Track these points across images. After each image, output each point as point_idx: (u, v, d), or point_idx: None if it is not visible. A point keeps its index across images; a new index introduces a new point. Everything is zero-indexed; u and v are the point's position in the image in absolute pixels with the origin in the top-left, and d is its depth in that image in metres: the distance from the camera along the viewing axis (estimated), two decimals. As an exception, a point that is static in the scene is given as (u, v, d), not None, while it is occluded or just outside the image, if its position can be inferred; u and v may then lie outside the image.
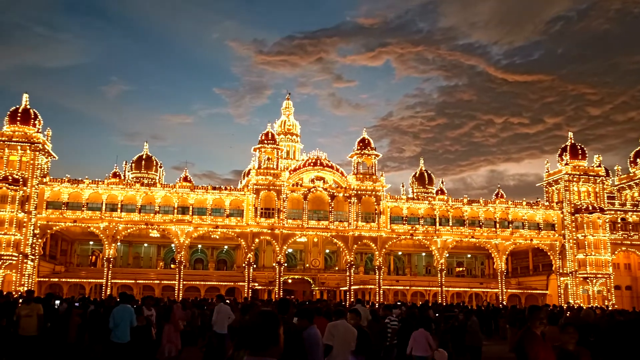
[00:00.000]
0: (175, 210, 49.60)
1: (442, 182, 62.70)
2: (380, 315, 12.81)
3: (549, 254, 55.35)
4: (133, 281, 49.72)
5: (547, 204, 57.21)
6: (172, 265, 53.59)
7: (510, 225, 54.94)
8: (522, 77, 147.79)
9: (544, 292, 56.21)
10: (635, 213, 56.96)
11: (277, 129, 65.57)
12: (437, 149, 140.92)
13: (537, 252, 57.67)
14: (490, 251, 55.22)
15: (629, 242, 56.36)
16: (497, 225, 54.68)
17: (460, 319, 15.14)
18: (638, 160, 61.57)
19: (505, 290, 54.25)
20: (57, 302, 16.39)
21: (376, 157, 53.96)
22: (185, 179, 53.23)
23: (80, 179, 48.97)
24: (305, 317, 6.51)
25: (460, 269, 64.03)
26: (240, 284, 50.24)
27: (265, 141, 52.08)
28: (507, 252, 54.92)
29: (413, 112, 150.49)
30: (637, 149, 62.31)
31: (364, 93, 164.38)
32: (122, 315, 12.06)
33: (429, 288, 54.31)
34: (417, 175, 65.48)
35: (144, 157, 60.37)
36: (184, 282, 49.20)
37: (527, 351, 5.53)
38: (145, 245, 57.88)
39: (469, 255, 63.11)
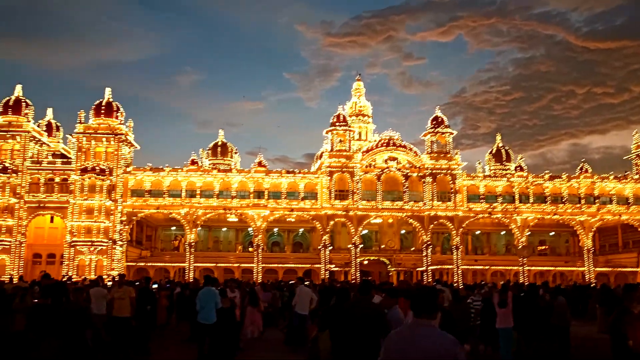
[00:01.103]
0: (251, 195, 50.69)
1: (521, 158, 60.58)
2: (462, 295, 12.59)
3: (639, 229, 52.49)
4: (214, 264, 51.31)
5: (637, 177, 54.12)
6: (250, 249, 54.89)
7: (597, 200, 52.43)
8: (604, 45, 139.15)
9: (635, 270, 53.29)
10: None
11: (348, 111, 65.28)
12: (513, 124, 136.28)
13: (627, 228, 54.71)
14: (575, 228, 52.98)
15: None
16: (582, 200, 52.31)
17: (546, 299, 14.58)
18: None
19: (592, 269, 52.01)
20: (154, 285, 17.20)
21: (450, 134, 52.80)
22: (260, 164, 54.11)
23: (160, 167, 50.97)
24: (391, 296, 6.50)
25: (543, 247, 61.81)
26: (317, 265, 50.86)
27: (337, 123, 52.07)
28: (593, 229, 52.52)
29: (487, 87, 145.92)
30: None
31: (434, 70, 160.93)
32: (207, 298, 12.49)
33: (510, 267, 52.87)
34: (493, 151, 63.33)
35: (219, 144, 61.72)
36: (262, 265, 50.33)
37: (624, 331, 5.24)
38: (224, 229, 59.52)
39: (552, 233, 60.72)
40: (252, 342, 16.18)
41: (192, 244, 50.31)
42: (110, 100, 51.03)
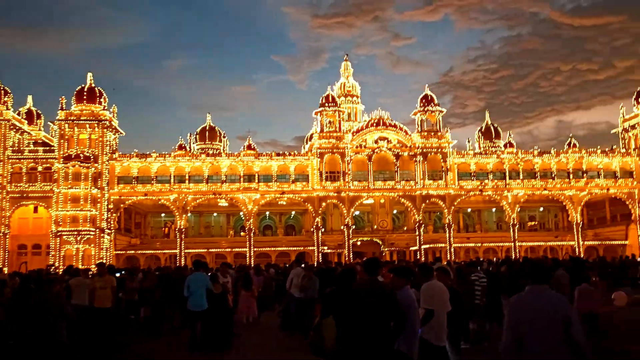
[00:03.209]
0: (242, 179, 50.06)
1: (510, 135, 60.40)
2: (465, 272, 12.14)
3: (627, 203, 52.49)
4: (205, 250, 50.85)
5: (623, 150, 54.07)
6: (242, 233, 54.45)
7: (585, 175, 52.31)
8: (589, 21, 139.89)
9: (623, 242, 53.54)
10: None
11: (337, 92, 64.36)
12: (501, 102, 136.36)
13: (615, 202, 54.78)
14: (564, 203, 52.95)
15: None
16: (571, 175, 52.21)
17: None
18: None
19: (581, 243, 52.12)
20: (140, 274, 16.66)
21: (440, 113, 52.30)
22: (249, 147, 53.52)
23: (148, 153, 50.11)
24: (402, 276, 5.97)
25: (533, 223, 61.88)
26: (310, 248, 50.51)
27: (326, 104, 51.38)
28: (582, 203, 52.47)
29: (475, 65, 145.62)
30: None
31: (423, 49, 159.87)
32: (196, 283, 11.89)
33: (501, 244, 52.88)
34: (483, 129, 63.16)
35: (207, 128, 60.92)
36: (255, 249, 49.92)
37: None
38: (215, 214, 58.97)
39: (542, 209, 60.77)
40: (247, 327, 15.75)
41: (183, 230, 49.71)
42: (93, 85, 49.91)
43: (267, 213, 58.49)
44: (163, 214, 56.71)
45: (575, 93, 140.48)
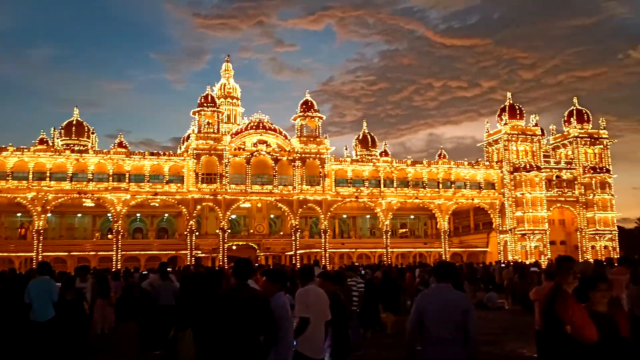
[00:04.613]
0: (111, 178, 47.07)
1: (386, 145, 62.37)
2: (345, 277, 11.75)
3: (489, 212, 56.21)
4: (66, 253, 47.22)
5: (487, 163, 57.91)
6: (110, 236, 51.18)
7: (453, 185, 55.32)
8: (459, 42, 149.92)
9: (484, 249, 57.38)
10: (569, 171, 58.59)
11: (217, 93, 62.93)
12: (378, 113, 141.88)
13: (478, 211, 58.54)
14: (433, 211, 55.56)
15: (563, 199, 58.05)
16: (440, 185, 54.93)
17: (426, 278, 14.27)
18: (572, 119, 62.86)
19: (448, 249, 54.95)
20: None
21: (320, 119, 52.74)
22: (120, 144, 50.37)
23: (3, 146, 45.55)
24: (276, 281, 5.28)
25: (404, 230, 64.37)
26: (183, 252, 48.55)
27: (205, 104, 49.82)
28: (449, 212, 55.40)
29: (354, 76, 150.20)
30: (571, 109, 63.54)
31: (305, 58, 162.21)
32: (39, 290, 10.36)
33: (375, 250, 54.32)
34: (360, 137, 64.66)
35: (74, 122, 56.57)
36: (123, 253, 47.17)
37: (560, 313, 4.53)
38: (79, 215, 55.02)
39: (412, 216, 63.43)
40: (102, 338, 14.29)
41: (41, 231, 45.67)
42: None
43: (138, 215, 55.61)
44: (19, 214, 51.87)
45: (445, 108, 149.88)
